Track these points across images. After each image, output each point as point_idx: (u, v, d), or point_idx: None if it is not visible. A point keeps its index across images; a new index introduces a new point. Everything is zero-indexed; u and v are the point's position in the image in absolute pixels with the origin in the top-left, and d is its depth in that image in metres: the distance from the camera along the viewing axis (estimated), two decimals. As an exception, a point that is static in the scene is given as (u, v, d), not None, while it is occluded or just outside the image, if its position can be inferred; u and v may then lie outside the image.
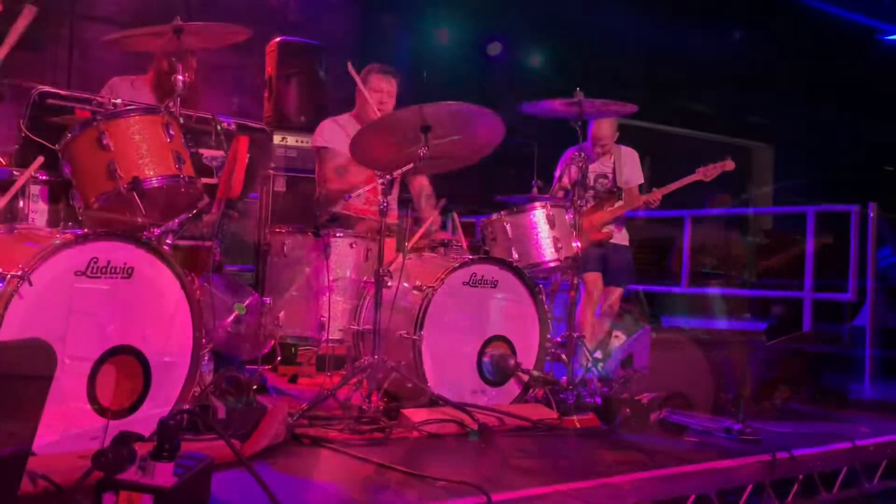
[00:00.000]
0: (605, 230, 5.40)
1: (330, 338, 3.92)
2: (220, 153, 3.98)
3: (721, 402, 4.41)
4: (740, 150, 12.06)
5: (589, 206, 5.32)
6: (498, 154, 4.05)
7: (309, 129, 6.07)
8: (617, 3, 10.05)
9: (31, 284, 2.55)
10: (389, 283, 3.70)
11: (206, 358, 3.39)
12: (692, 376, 4.53)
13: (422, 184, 4.75)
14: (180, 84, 3.46)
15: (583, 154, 4.35)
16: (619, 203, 5.42)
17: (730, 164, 5.45)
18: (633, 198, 5.45)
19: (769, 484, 3.29)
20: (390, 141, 3.87)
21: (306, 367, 4.86)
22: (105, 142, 2.98)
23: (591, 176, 5.39)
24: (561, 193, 4.74)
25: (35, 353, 2.23)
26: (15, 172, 3.11)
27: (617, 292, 5.56)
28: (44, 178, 3.17)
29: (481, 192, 8.75)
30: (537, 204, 4.33)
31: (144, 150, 3.03)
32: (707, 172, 5.43)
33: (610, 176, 5.49)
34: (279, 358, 4.53)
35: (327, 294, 3.93)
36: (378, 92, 4.62)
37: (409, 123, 3.66)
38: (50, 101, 3.97)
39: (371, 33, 9.02)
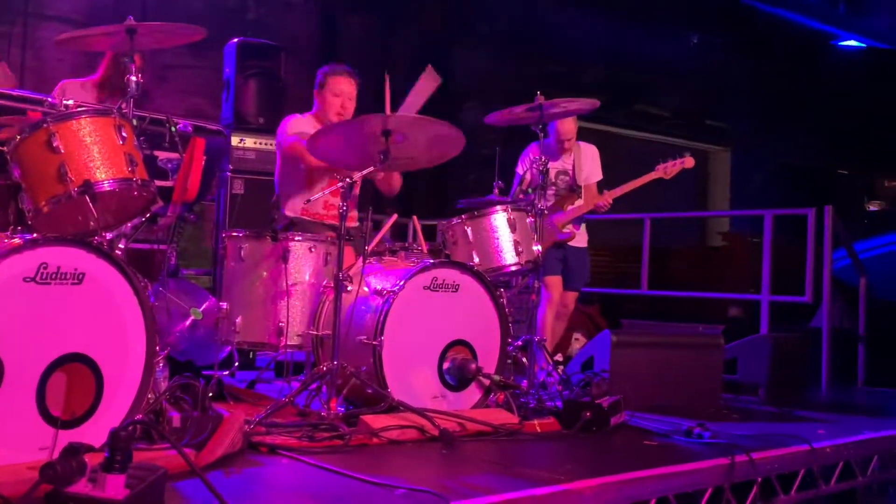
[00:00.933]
0: (565, 230, 5.39)
1: (288, 343, 3.87)
2: (175, 155, 3.92)
3: (682, 405, 4.44)
4: (698, 153, 12.20)
5: (549, 204, 5.29)
6: (459, 157, 4.03)
7: (268, 130, 6.02)
8: (576, 8, 10.12)
9: (-24, 291, 2.47)
10: (349, 288, 3.66)
11: (161, 365, 3.31)
12: (652, 378, 4.57)
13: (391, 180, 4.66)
14: (133, 85, 3.39)
15: (543, 157, 4.35)
16: (580, 202, 5.40)
17: (690, 161, 5.41)
18: (592, 196, 5.43)
19: (728, 487, 3.30)
20: (350, 142, 3.87)
21: (265, 373, 4.80)
22: (55, 144, 2.91)
23: (552, 172, 5.36)
24: (522, 196, 4.73)
25: (-20, 363, 2.17)
26: (-39, 176, 3.02)
27: (572, 295, 5.56)
28: (-8, 181, 3.08)
29: (442, 194, 8.78)
30: (498, 207, 4.31)
31: (96, 153, 2.96)
32: (667, 169, 5.37)
33: (570, 172, 5.46)
34: (237, 363, 4.47)
35: (285, 299, 3.88)
36: (339, 96, 4.44)
37: (370, 128, 3.64)
38: (0, 102, 3.88)
39: (331, 34, 8.97)
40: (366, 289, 3.76)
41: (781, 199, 10.54)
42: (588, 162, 5.49)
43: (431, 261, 3.87)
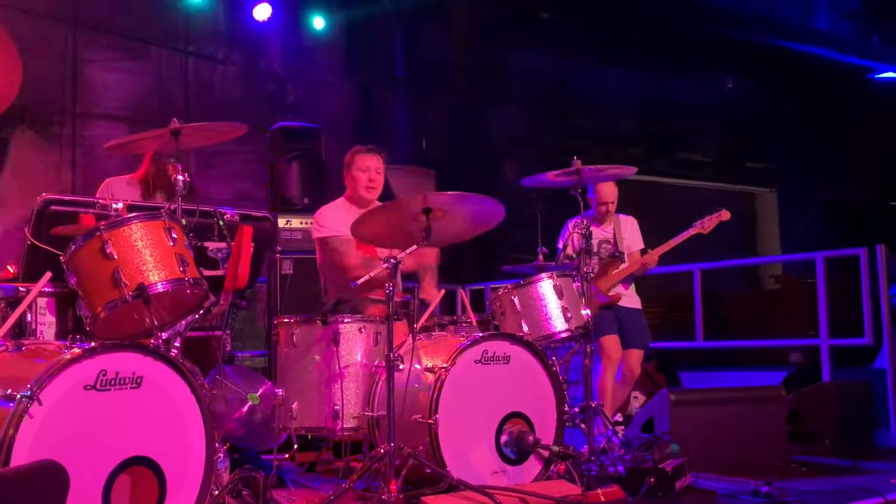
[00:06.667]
0: (611, 293, 5.39)
1: (345, 427, 3.88)
2: (224, 245, 4.01)
3: (748, 462, 4.34)
4: (744, 196, 12.09)
5: (595, 271, 5.32)
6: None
7: (312, 210, 6.14)
8: (607, 62, 10.20)
9: (40, 403, 2.54)
10: (401, 367, 3.68)
11: (222, 455, 3.35)
12: (715, 436, 4.48)
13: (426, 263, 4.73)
14: (180, 184, 3.49)
15: (585, 221, 4.36)
16: (624, 265, 5.42)
17: (726, 214, 5.44)
18: (635, 261, 5.47)
19: (801, 548, 3.21)
20: (392, 223, 3.92)
21: (324, 454, 4.81)
22: (108, 251, 3.00)
23: (595, 242, 5.39)
24: (566, 261, 4.75)
25: (46, 477, 2.22)
26: (21, 289, 3.12)
27: (636, 355, 5.49)
28: (50, 290, 3.18)
29: (488, 256, 8.81)
30: (543, 275, 4.31)
31: (148, 256, 3.05)
32: (704, 225, 5.42)
33: (612, 241, 5.51)
34: (295, 447, 4.50)
35: (339, 381, 3.91)
36: (366, 171, 4.69)
37: (411, 208, 3.70)
38: (54, 207, 4.01)
39: (368, 109, 9.15)
40: (417, 366, 3.78)
41: (833, 235, 10.36)
42: (628, 232, 5.55)
43: (481, 334, 3.87)
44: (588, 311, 4.29)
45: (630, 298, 5.51)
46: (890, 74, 11.36)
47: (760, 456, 4.50)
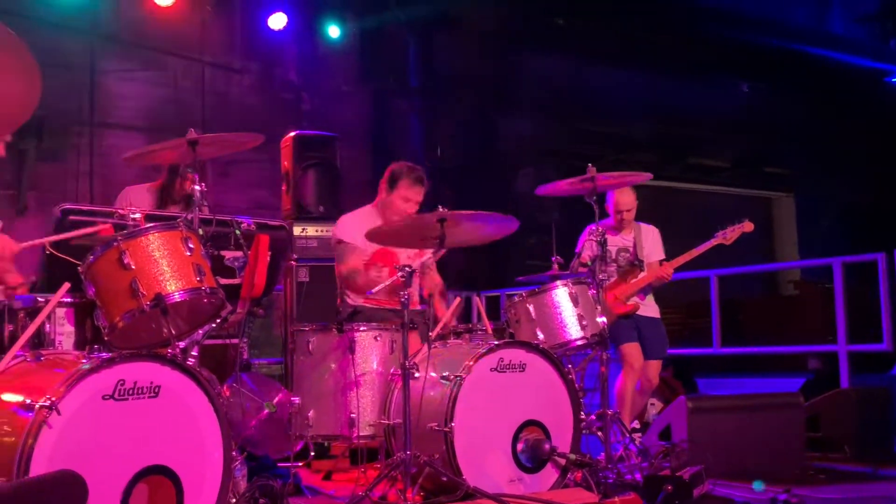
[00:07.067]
0: (629, 303, 5.36)
1: (361, 434, 3.90)
2: (241, 254, 4.03)
3: (766, 469, 4.32)
4: (761, 200, 12.02)
5: (612, 279, 5.30)
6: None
7: (328, 218, 6.16)
8: (621, 67, 10.18)
9: (59, 413, 2.56)
10: (417, 375, 3.69)
11: (239, 463, 3.37)
12: (733, 443, 4.46)
13: (434, 280, 4.73)
14: (198, 194, 3.52)
15: (600, 229, 4.35)
16: (643, 274, 5.38)
17: (749, 226, 5.37)
18: (653, 269, 5.43)
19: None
20: (406, 232, 3.97)
21: (340, 461, 4.82)
22: (126, 261, 3.02)
23: (613, 250, 5.37)
24: (583, 270, 4.73)
25: (65, 487, 2.24)
26: (39, 299, 3.14)
27: (654, 365, 5.45)
28: (68, 300, 3.20)
29: (503, 263, 8.81)
30: (558, 283, 4.30)
31: (165, 266, 3.06)
32: (727, 235, 5.36)
33: (631, 249, 5.46)
34: (312, 454, 4.51)
35: (355, 389, 3.92)
36: (406, 201, 4.58)
37: (427, 219, 3.74)
38: (73, 217, 4.05)
39: (381, 118, 9.18)
40: (433, 374, 3.78)
41: (851, 239, 10.30)
42: (649, 242, 5.49)
43: (496, 342, 3.87)
44: (604, 319, 4.27)
45: (648, 308, 5.47)
46: (907, 78, 11.31)
47: (778, 463, 4.48)
